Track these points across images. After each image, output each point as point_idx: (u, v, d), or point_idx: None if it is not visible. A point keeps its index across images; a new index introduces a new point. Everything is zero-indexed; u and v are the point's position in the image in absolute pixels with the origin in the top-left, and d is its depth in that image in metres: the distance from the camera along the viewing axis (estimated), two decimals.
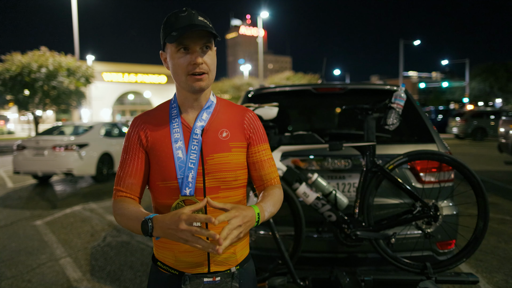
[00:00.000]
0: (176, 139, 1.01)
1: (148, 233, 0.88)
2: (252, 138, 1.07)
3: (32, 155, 7.08)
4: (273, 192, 1.06)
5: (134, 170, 1.02)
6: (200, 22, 0.97)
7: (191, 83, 0.98)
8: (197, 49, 0.97)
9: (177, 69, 0.98)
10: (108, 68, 33.58)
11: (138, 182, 1.03)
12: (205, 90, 1.02)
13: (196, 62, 0.96)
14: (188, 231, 0.83)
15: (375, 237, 1.95)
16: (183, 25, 0.95)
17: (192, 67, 0.97)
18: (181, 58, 0.97)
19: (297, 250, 2.02)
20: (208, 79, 1.00)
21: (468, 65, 31.24)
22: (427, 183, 2.15)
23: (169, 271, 1.03)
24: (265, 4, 30.33)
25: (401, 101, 2.04)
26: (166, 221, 0.85)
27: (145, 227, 0.88)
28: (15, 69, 15.29)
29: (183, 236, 0.83)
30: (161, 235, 0.87)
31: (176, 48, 0.97)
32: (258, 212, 0.95)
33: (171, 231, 0.84)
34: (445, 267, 1.94)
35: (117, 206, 1.00)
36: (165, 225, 0.85)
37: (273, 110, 2.09)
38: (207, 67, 0.98)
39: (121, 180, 1.03)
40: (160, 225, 0.86)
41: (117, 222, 1.01)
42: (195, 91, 1.00)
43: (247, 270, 1.09)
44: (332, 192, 2.00)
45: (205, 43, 0.97)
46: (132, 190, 1.02)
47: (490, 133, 15.83)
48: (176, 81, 1.02)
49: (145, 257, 3.43)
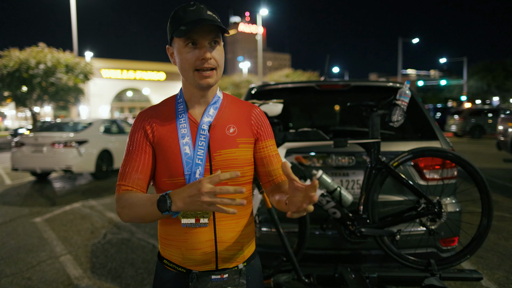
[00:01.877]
0: (183, 134, 0.99)
1: (166, 208, 0.85)
2: (260, 134, 1.06)
3: (30, 152, 7.03)
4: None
5: (140, 165, 0.99)
6: (209, 17, 0.95)
7: (198, 80, 0.96)
8: (205, 44, 0.95)
9: (184, 64, 0.96)
10: (107, 64, 33.41)
11: (145, 177, 0.99)
12: (212, 86, 1.01)
13: (204, 57, 0.94)
14: (211, 193, 0.80)
15: (380, 234, 1.95)
16: (191, 19, 0.93)
17: (200, 62, 0.95)
18: (189, 53, 0.95)
19: (301, 247, 2.02)
20: (216, 75, 0.98)
21: (466, 63, 31.31)
22: (431, 180, 2.15)
23: (176, 269, 1.02)
24: (264, 1, 30.21)
25: (406, 98, 2.04)
26: (186, 190, 0.83)
27: (162, 203, 0.85)
28: (13, 65, 15.16)
29: (207, 199, 0.80)
30: (182, 206, 0.84)
31: (184, 42, 0.95)
32: None
33: (193, 198, 0.82)
34: (449, 264, 1.95)
35: (123, 198, 0.94)
36: (186, 193, 0.83)
37: (278, 107, 2.07)
38: (215, 63, 0.96)
39: (126, 175, 0.98)
40: (180, 197, 0.84)
41: (124, 216, 0.95)
42: (202, 88, 0.98)
43: (254, 267, 1.08)
44: (336, 189, 1.99)
45: (214, 38, 0.96)
46: (138, 185, 0.98)
47: (488, 131, 15.90)
48: (183, 76, 1.00)
49: (146, 254, 3.41)
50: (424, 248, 2.07)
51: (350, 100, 2.21)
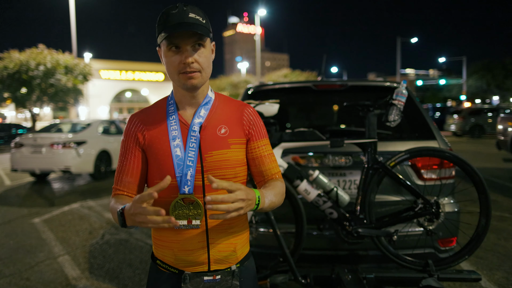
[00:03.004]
0: (174, 136, 0.99)
1: (122, 224, 0.88)
2: (251, 134, 1.05)
3: (29, 153, 7.03)
4: (275, 183, 1.04)
5: (131, 169, 1.01)
6: (191, 20, 0.93)
7: (183, 81, 0.96)
8: (187, 48, 0.94)
9: (169, 68, 0.97)
10: (106, 65, 33.40)
11: (135, 180, 1.02)
12: (201, 87, 1.01)
13: (185, 62, 0.94)
14: (139, 214, 0.80)
15: (377, 234, 1.94)
16: (172, 23, 0.93)
17: (183, 66, 0.95)
18: (173, 57, 0.95)
19: (298, 248, 2.01)
20: (201, 77, 0.97)
21: (465, 62, 31.31)
22: (428, 180, 2.14)
23: (169, 270, 1.02)
24: (262, 2, 30.20)
25: (403, 98, 2.03)
26: (127, 209, 0.85)
27: (119, 219, 0.88)
28: (13, 67, 15.17)
29: (139, 220, 0.80)
30: (132, 224, 0.86)
31: (167, 47, 0.96)
32: (259, 195, 0.93)
33: (133, 217, 0.83)
34: (447, 264, 1.94)
35: (111, 202, 0.99)
36: (129, 214, 0.84)
37: (274, 107, 2.07)
38: (198, 66, 0.96)
39: (119, 178, 1.02)
40: (127, 214, 0.85)
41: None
42: (188, 89, 0.99)
43: (248, 268, 1.07)
44: (333, 189, 1.99)
45: (196, 41, 0.95)
46: (129, 189, 1.02)
47: (488, 130, 15.88)
48: (170, 78, 1.01)
49: (143, 254, 3.41)
50: (422, 249, 2.06)
51: (347, 100, 2.21)
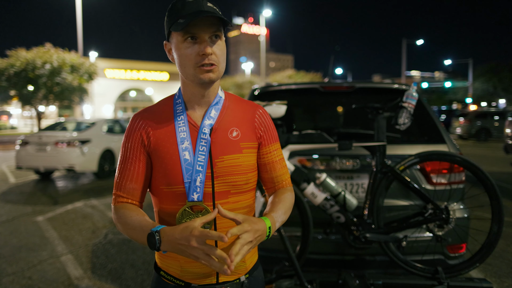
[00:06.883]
0: (182, 139, 0.92)
1: (155, 247, 0.81)
2: (264, 138, 0.99)
3: (34, 151, 7.06)
4: (285, 197, 0.99)
5: (135, 174, 0.93)
6: (209, 9, 0.88)
7: (199, 75, 0.88)
8: (206, 38, 0.87)
9: (184, 61, 0.89)
10: (111, 64, 33.56)
11: (139, 186, 0.94)
12: (214, 84, 0.94)
13: (205, 52, 0.86)
14: (200, 249, 0.77)
15: (385, 239, 1.90)
16: (190, 11, 0.86)
17: (200, 58, 0.87)
18: (189, 48, 0.87)
19: (304, 252, 1.97)
20: (218, 71, 0.90)
21: (471, 65, 31.04)
22: (438, 185, 2.10)
23: (174, 282, 0.95)
24: (267, 3, 30.19)
25: (413, 101, 1.99)
26: (176, 236, 0.79)
27: (152, 240, 0.81)
28: (20, 65, 15.29)
29: (194, 253, 0.78)
30: (170, 249, 0.81)
31: (182, 37, 0.88)
32: (270, 226, 0.88)
33: (181, 246, 0.78)
34: (457, 272, 1.89)
35: (118, 214, 0.91)
36: (175, 239, 0.79)
37: (282, 108, 2.03)
38: (216, 58, 0.89)
39: (121, 184, 0.94)
40: (169, 239, 0.80)
41: (119, 229, 0.93)
42: (204, 84, 0.91)
43: (257, 278, 1.02)
44: (341, 193, 1.95)
45: (215, 31, 0.88)
46: (133, 196, 0.94)
47: (494, 134, 15.70)
48: (183, 73, 0.92)
49: (146, 255, 3.38)
50: (431, 255, 2.01)
51: (354, 102, 2.17)
